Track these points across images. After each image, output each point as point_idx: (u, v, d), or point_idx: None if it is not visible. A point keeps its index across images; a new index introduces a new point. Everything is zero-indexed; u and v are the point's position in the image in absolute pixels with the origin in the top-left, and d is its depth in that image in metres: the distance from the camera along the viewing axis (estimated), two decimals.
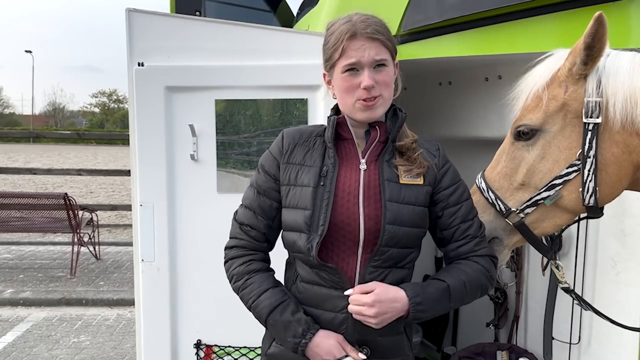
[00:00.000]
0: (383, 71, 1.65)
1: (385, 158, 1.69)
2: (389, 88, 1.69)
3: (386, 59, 1.66)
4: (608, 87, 1.53)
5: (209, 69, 2.61)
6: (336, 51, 1.65)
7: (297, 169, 1.72)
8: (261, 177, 1.77)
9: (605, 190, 1.60)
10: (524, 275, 3.28)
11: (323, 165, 1.70)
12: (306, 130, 1.80)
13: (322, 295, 1.68)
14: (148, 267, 2.65)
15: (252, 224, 1.76)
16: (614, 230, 2.57)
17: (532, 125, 1.66)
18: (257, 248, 1.78)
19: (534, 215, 1.69)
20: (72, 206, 7.16)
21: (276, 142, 1.81)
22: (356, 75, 1.64)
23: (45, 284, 6.90)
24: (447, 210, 1.70)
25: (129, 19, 2.56)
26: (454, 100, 3.38)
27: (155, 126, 2.60)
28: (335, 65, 1.68)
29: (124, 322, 5.80)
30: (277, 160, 1.76)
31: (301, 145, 1.76)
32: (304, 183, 1.69)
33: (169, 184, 2.64)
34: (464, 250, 1.69)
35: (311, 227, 1.64)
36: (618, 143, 1.55)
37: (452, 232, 1.70)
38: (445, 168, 1.74)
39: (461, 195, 1.72)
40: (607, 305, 2.61)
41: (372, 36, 1.63)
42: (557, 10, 2.38)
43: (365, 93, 1.63)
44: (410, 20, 2.51)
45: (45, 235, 9.24)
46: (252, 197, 1.78)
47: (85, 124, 77.47)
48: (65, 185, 16.74)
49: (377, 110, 1.66)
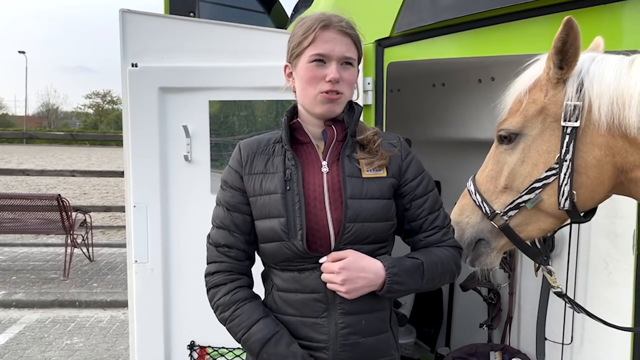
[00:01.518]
0: (349, 70, 1.64)
1: (345, 153, 1.66)
2: (351, 88, 1.67)
3: (354, 58, 1.65)
4: (592, 90, 1.53)
5: (202, 70, 2.61)
6: (306, 39, 1.61)
7: (260, 178, 1.67)
8: (227, 193, 1.70)
9: (585, 194, 1.60)
10: (517, 276, 3.29)
11: (285, 169, 1.65)
12: (263, 139, 1.74)
13: (301, 301, 1.62)
14: (141, 268, 2.64)
15: (230, 243, 1.68)
16: (605, 231, 2.59)
17: (512, 129, 1.67)
18: (239, 270, 1.69)
19: (518, 218, 1.70)
20: (65, 207, 7.14)
21: (234, 156, 1.75)
22: (322, 67, 1.61)
23: (38, 285, 6.87)
24: (415, 202, 1.68)
25: (122, 19, 2.56)
26: (447, 102, 3.40)
27: (149, 127, 2.60)
28: (302, 54, 1.64)
29: (117, 324, 5.78)
30: (238, 173, 1.70)
31: (260, 154, 1.70)
32: (270, 190, 1.64)
33: (162, 185, 2.64)
34: (433, 240, 1.68)
35: (289, 233, 1.59)
36: (601, 146, 1.55)
37: (420, 223, 1.69)
38: (408, 159, 1.71)
39: (427, 186, 1.71)
40: (599, 306, 2.63)
41: (345, 30, 1.62)
42: (551, 12, 2.40)
43: (329, 86, 1.59)
44: (403, 21, 2.51)
45: (39, 237, 9.21)
46: (222, 216, 1.70)
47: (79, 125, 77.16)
48: (58, 187, 16.67)
49: (338, 106, 1.64)
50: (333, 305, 1.61)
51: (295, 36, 1.66)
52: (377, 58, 2.53)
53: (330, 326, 1.61)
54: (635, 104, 1.46)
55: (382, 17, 2.52)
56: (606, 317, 1.95)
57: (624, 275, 2.43)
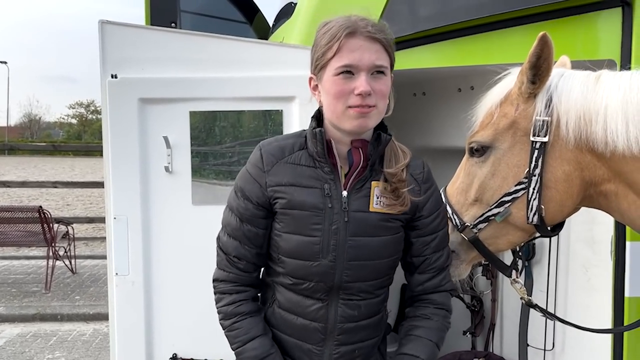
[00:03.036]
0: (381, 80, 1.47)
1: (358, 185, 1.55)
2: (385, 100, 1.51)
3: (386, 66, 1.49)
4: (560, 106, 1.55)
5: (183, 81, 2.60)
6: (330, 49, 1.46)
7: (292, 190, 1.54)
8: (242, 203, 1.59)
9: (554, 208, 1.62)
10: (499, 283, 3.32)
11: (322, 183, 1.54)
12: (287, 145, 1.60)
13: (301, 326, 1.61)
14: (122, 280, 2.61)
15: (240, 254, 1.61)
16: (584, 238, 2.63)
17: (483, 142, 1.68)
18: (247, 281, 1.65)
19: (487, 231, 1.71)
20: (46, 219, 7.06)
21: (254, 161, 1.60)
22: (350, 80, 1.45)
23: (19, 299, 6.76)
24: (422, 239, 1.63)
25: (101, 30, 2.54)
26: (428, 111, 3.43)
27: (129, 138, 2.58)
28: (326, 66, 1.48)
29: (100, 337, 5.71)
30: (257, 183, 1.57)
31: (285, 163, 1.57)
32: (307, 205, 1.53)
33: (143, 197, 2.62)
34: (429, 286, 1.65)
35: (321, 252, 1.53)
36: (569, 161, 1.57)
37: (422, 260, 1.64)
38: (427, 194, 1.61)
39: (439, 225, 1.64)
40: (579, 311, 2.66)
41: (373, 36, 1.46)
42: (528, 22, 2.45)
43: (359, 100, 1.44)
44: None
45: (20, 250, 9.07)
46: (235, 225, 1.61)
47: (62, 136, 76.40)
48: (41, 198, 16.46)
49: (371, 120, 1.48)
50: (331, 336, 1.61)
51: (319, 46, 1.51)
52: None
53: (324, 356, 1.62)
54: (601, 120, 1.49)
55: None
56: (586, 322, 1.98)
57: (603, 281, 2.46)
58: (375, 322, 1.66)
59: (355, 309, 1.59)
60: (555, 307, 2.81)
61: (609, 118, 1.48)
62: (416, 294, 1.70)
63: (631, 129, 1.45)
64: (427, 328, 1.64)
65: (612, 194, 1.58)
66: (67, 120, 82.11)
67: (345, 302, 1.59)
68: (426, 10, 2.56)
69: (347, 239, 1.53)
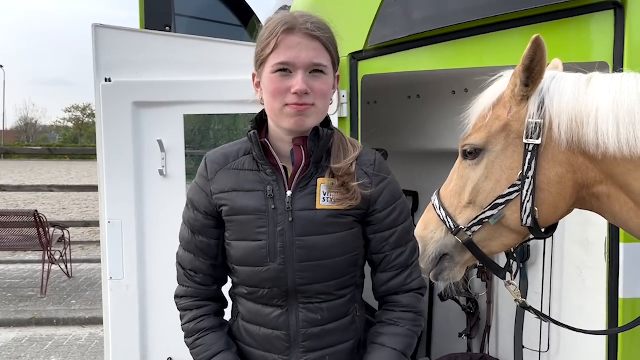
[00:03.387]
0: (320, 79, 1.44)
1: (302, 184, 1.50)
2: (325, 100, 1.47)
3: (326, 65, 1.45)
4: (552, 108, 1.56)
5: (177, 84, 2.60)
6: (268, 46, 1.42)
7: (234, 196, 1.51)
8: (192, 214, 1.57)
9: (547, 210, 1.62)
10: (494, 285, 3.32)
11: (265, 186, 1.50)
12: (231, 151, 1.58)
13: (264, 336, 1.56)
14: (116, 285, 2.61)
15: (195, 267, 1.59)
16: (578, 239, 2.63)
17: (476, 145, 1.68)
18: (206, 295, 1.62)
19: (481, 233, 1.70)
20: (42, 223, 7.04)
21: (200, 171, 1.59)
22: (288, 78, 1.42)
23: (15, 303, 6.74)
24: (379, 235, 1.55)
25: (95, 35, 2.55)
26: (423, 113, 3.43)
27: (123, 142, 2.58)
28: (265, 63, 1.44)
29: (96, 342, 5.69)
30: (204, 192, 1.55)
31: (229, 170, 1.55)
32: (249, 209, 1.49)
33: (137, 200, 2.61)
34: (394, 285, 1.57)
35: (269, 257, 1.49)
36: (562, 163, 1.58)
37: (382, 258, 1.57)
38: (381, 187, 1.54)
39: (396, 219, 1.56)
40: (574, 313, 2.66)
41: (311, 33, 1.42)
42: (521, 25, 2.45)
43: (295, 98, 1.41)
44: (377, 35, 2.54)
45: (15, 254, 9.05)
46: (188, 238, 1.59)
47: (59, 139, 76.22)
48: (37, 202, 16.42)
49: (309, 119, 1.44)
50: (296, 344, 1.55)
51: (259, 41, 1.48)
52: (351, 71, 2.55)
53: None
54: (592, 122, 1.49)
55: (356, 31, 2.55)
56: (581, 323, 1.98)
57: (597, 282, 2.46)
58: (344, 325, 1.58)
59: (317, 313, 1.53)
60: (550, 308, 2.82)
61: (600, 120, 1.48)
62: (381, 294, 1.62)
63: (622, 131, 1.46)
64: (392, 335, 1.55)
65: (605, 195, 1.59)
66: (63, 124, 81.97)
67: (306, 306, 1.52)
68: (420, 13, 2.56)
69: (294, 240, 1.48)
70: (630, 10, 2.31)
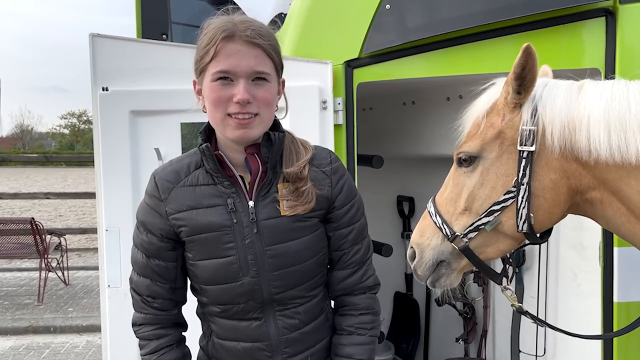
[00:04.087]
0: (263, 86, 1.40)
1: (262, 193, 1.47)
2: (270, 108, 1.44)
3: (268, 72, 1.41)
4: (545, 115, 1.58)
5: (174, 93, 2.61)
6: (207, 53, 1.38)
7: (194, 215, 1.45)
8: (145, 238, 1.50)
9: (542, 216, 1.64)
10: (491, 289, 3.33)
11: (225, 199, 1.45)
12: (182, 167, 1.51)
13: (244, 350, 1.53)
14: (114, 292, 2.61)
15: (153, 292, 1.52)
16: (573, 244, 2.65)
17: (471, 152, 1.70)
18: (167, 321, 1.56)
19: (478, 240, 1.71)
20: (38, 231, 7.02)
21: (150, 191, 1.52)
22: (229, 86, 1.37)
23: (12, 311, 6.72)
24: (339, 232, 1.55)
25: (92, 44, 2.56)
26: (417, 119, 3.46)
27: (121, 150, 2.59)
28: (205, 70, 1.40)
29: (93, 349, 5.67)
30: (157, 214, 1.48)
31: (183, 187, 1.48)
32: (213, 226, 1.44)
33: (135, 209, 2.61)
34: (351, 282, 1.57)
35: (240, 271, 1.46)
36: (556, 169, 1.60)
37: (340, 255, 1.57)
38: (339, 186, 1.54)
39: (354, 216, 1.57)
40: (570, 317, 2.68)
41: (252, 40, 1.37)
42: (515, 32, 2.49)
43: (237, 108, 1.36)
44: (372, 43, 2.56)
45: (12, 262, 9.01)
46: (142, 263, 1.52)
47: (55, 146, 76.00)
48: (33, 209, 16.37)
49: (253, 130, 1.40)
50: (278, 351, 1.53)
51: (198, 48, 1.43)
52: (346, 78, 2.57)
53: None
54: (584, 129, 1.52)
55: (351, 39, 2.57)
56: (576, 327, 2.00)
57: (592, 287, 2.48)
58: (320, 323, 1.59)
59: (294, 317, 1.53)
60: (546, 313, 2.84)
61: (591, 127, 1.51)
62: (337, 293, 1.61)
63: (613, 137, 1.48)
64: (356, 345, 1.55)
65: (598, 201, 1.61)
66: (59, 131, 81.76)
67: (283, 313, 1.51)
68: (414, 21, 2.59)
69: (264, 250, 1.46)
70: (622, 17, 2.35)
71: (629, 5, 2.35)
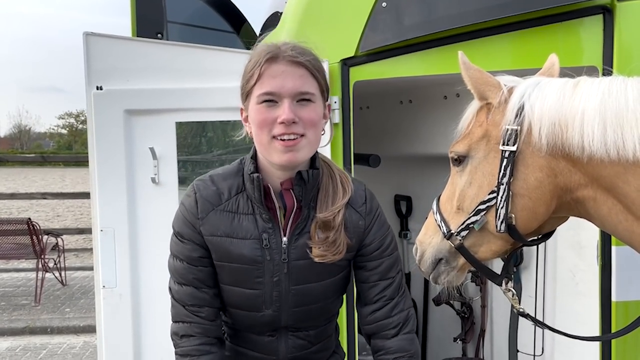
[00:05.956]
0: (308, 107, 1.38)
1: (296, 232, 1.46)
2: (316, 129, 1.40)
3: (313, 93, 1.39)
4: (533, 114, 1.56)
5: (169, 92, 2.60)
6: (252, 77, 1.37)
7: (227, 242, 1.45)
8: (186, 246, 1.49)
9: (527, 216, 1.61)
10: (488, 289, 3.32)
11: (261, 233, 1.44)
12: (223, 189, 1.48)
13: (251, 357, 1.61)
14: (109, 293, 2.59)
15: (198, 301, 1.50)
16: (571, 243, 2.64)
17: (459, 152, 1.70)
18: (211, 333, 1.53)
19: (470, 239, 1.70)
20: (35, 231, 7.01)
21: (189, 207, 1.49)
22: (274, 108, 1.36)
23: (9, 312, 6.70)
24: (368, 264, 1.56)
25: (86, 43, 2.54)
26: (415, 118, 3.44)
27: (115, 150, 2.57)
28: (250, 94, 1.39)
29: (90, 350, 5.66)
30: (195, 229, 1.48)
31: (222, 211, 1.46)
32: (244, 259, 1.45)
33: (130, 208, 2.60)
34: (380, 315, 1.56)
35: (264, 304, 1.50)
36: (542, 167, 1.58)
37: (369, 287, 1.56)
38: (371, 225, 1.54)
39: (384, 250, 1.57)
40: (568, 317, 2.67)
41: (295, 59, 1.37)
42: (511, 30, 2.47)
43: (282, 128, 1.34)
44: (368, 41, 2.55)
45: (9, 262, 8.99)
46: (182, 271, 1.50)
47: (53, 146, 75.87)
48: (30, 210, 16.33)
49: (300, 152, 1.38)
50: None
51: (244, 73, 1.43)
52: (342, 77, 2.55)
53: None
54: (577, 125, 1.49)
55: (347, 37, 2.55)
56: (574, 327, 1.99)
57: (590, 286, 2.47)
58: (327, 344, 1.67)
59: (305, 339, 1.59)
60: (544, 312, 2.82)
61: (585, 123, 1.49)
62: (370, 331, 1.60)
63: (609, 133, 1.46)
64: None
65: (590, 199, 1.59)
66: (57, 131, 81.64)
67: (295, 334, 1.57)
68: (411, 19, 2.57)
69: (289, 289, 1.49)
70: (619, 14, 2.33)
71: (627, 2, 2.34)
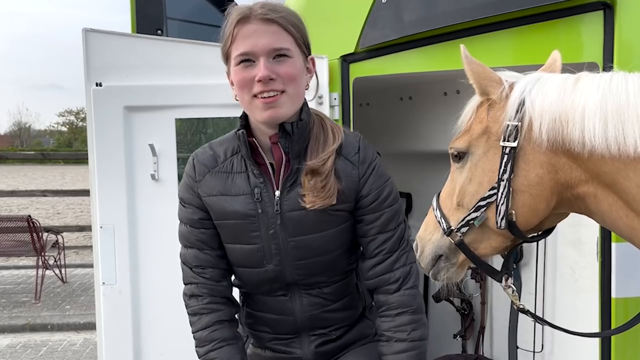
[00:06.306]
0: (286, 62, 1.39)
1: (288, 183, 1.48)
2: (296, 83, 1.42)
3: (288, 48, 1.40)
4: (533, 110, 1.55)
5: (168, 88, 2.59)
6: (228, 39, 1.41)
7: (222, 201, 1.50)
8: (188, 210, 1.56)
9: (527, 212, 1.61)
10: (488, 285, 3.32)
11: (253, 188, 1.48)
12: (219, 152, 1.55)
13: (270, 320, 1.63)
14: (109, 290, 2.59)
15: (201, 262, 1.56)
16: (571, 239, 2.64)
17: (459, 148, 1.69)
18: (218, 293, 1.58)
19: (470, 235, 1.70)
20: (35, 228, 7.01)
21: (188, 171, 1.58)
22: (251, 67, 1.38)
23: (9, 309, 6.70)
24: (366, 217, 1.55)
25: (85, 39, 2.54)
26: (415, 115, 3.44)
27: (115, 146, 2.57)
28: (229, 57, 1.43)
29: (91, 347, 5.66)
30: (193, 191, 1.55)
31: (218, 172, 1.52)
32: (238, 214, 1.48)
33: (129, 205, 2.60)
34: (380, 269, 1.56)
35: (264, 259, 1.52)
36: (543, 163, 1.57)
37: (368, 241, 1.56)
38: (366, 175, 1.53)
39: (382, 202, 1.55)
40: (568, 313, 2.67)
41: (266, 16, 1.37)
42: (512, 26, 2.47)
43: (260, 86, 1.36)
44: (367, 37, 2.54)
45: (9, 259, 8.98)
46: (187, 234, 1.57)
47: (53, 143, 75.84)
48: (31, 207, 16.33)
49: (282, 108, 1.40)
50: (303, 326, 1.62)
51: (222, 36, 1.47)
52: (342, 73, 2.55)
53: (304, 344, 1.63)
54: (578, 121, 1.49)
55: (347, 33, 2.55)
56: (574, 323, 1.99)
57: (590, 283, 2.47)
58: (346, 302, 1.64)
59: (320, 296, 1.59)
60: (544, 309, 2.82)
61: (586, 118, 1.48)
62: (371, 286, 1.60)
63: (610, 128, 1.45)
64: (395, 355, 1.53)
65: (591, 195, 1.58)
66: (57, 128, 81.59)
67: (308, 292, 1.58)
68: (410, 15, 2.56)
69: (287, 241, 1.50)
70: (620, 10, 2.32)
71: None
